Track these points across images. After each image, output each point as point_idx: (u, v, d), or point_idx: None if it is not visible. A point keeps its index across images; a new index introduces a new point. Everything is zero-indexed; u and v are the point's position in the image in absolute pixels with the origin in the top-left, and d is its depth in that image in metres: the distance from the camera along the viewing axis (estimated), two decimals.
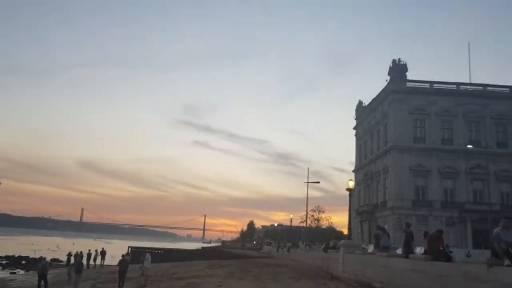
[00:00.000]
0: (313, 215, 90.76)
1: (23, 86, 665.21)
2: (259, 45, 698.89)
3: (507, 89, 55.61)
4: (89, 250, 44.23)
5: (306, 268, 26.91)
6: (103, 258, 44.68)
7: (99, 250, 45.30)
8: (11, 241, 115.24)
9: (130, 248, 60.10)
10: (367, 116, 66.07)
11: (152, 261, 27.66)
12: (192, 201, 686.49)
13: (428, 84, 55.51)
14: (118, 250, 54.40)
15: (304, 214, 74.29)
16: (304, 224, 73.56)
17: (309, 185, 58.22)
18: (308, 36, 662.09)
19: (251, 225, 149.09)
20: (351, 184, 24.70)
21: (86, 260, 39.94)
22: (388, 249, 17.06)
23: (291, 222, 65.20)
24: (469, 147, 48.24)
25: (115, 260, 38.66)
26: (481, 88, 55.57)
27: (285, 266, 29.21)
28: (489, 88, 55.44)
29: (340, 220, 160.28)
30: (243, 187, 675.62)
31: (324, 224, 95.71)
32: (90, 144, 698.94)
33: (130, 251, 53.37)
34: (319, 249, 39.66)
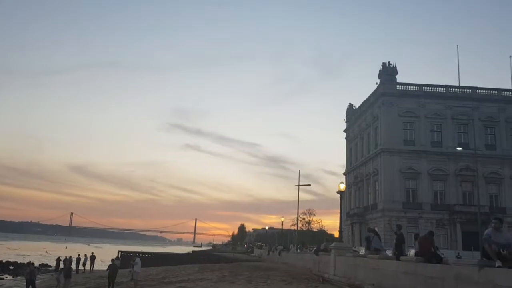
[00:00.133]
0: (304, 218, 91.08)
1: (12, 90, 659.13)
2: (250, 49, 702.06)
3: (495, 92, 56.14)
4: (78, 255, 43.72)
5: (297, 271, 26.88)
6: (92, 263, 44.07)
7: (89, 255, 44.74)
8: None
9: (120, 253, 59.65)
10: (357, 119, 66.34)
11: (142, 265, 27.44)
12: (182, 205, 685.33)
13: (418, 87, 55.84)
14: (108, 255, 53.96)
15: (295, 217, 74.50)
16: (295, 227, 73.57)
17: (300, 188, 58.43)
18: (298, 40, 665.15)
19: (242, 228, 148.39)
20: (342, 186, 24.77)
21: (75, 265, 39.39)
22: (379, 251, 17.05)
23: (282, 225, 65.03)
24: (458, 149, 48.54)
25: (104, 264, 38.31)
26: (469, 91, 56.02)
27: (276, 269, 29.17)
28: (477, 91, 55.92)
29: (331, 222, 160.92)
30: (234, 190, 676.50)
31: (315, 227, 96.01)
32: (79, 148, 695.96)
33: (120, 255, 52.93)
34: (310, 252, 39.55)
